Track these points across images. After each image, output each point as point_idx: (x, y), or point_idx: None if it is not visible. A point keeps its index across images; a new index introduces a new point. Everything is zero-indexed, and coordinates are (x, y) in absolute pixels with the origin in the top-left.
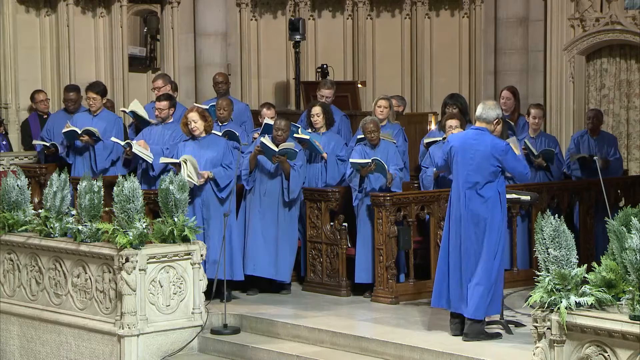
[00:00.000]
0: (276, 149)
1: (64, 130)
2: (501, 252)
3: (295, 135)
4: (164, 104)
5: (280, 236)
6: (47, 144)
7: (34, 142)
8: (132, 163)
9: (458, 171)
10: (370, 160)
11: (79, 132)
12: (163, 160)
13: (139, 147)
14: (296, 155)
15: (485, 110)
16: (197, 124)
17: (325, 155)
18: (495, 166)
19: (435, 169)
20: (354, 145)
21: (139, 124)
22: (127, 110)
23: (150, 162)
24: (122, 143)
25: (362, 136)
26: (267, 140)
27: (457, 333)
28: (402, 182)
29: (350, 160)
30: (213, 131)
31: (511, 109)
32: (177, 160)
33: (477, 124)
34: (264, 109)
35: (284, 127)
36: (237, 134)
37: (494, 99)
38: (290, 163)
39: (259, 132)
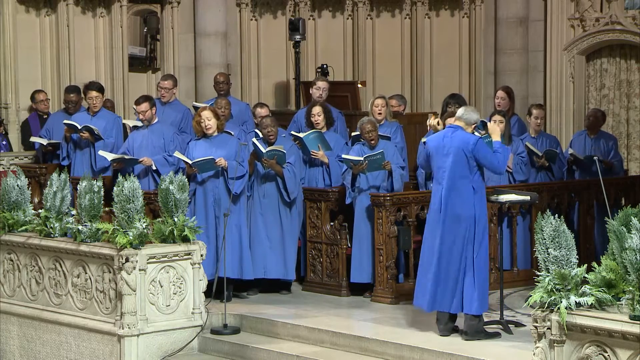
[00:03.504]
0: (264, 150)
1: (65, 122)
2: (483, 248)
3: (292, 132)
4: (144, 105)
5: (285, 235)
6: (44, 143)
7: (32, 138)
8: (121, 172)
9: (435, 169)
10: (362, 158)
11: (79, 127)
12: (177, 154)
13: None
14: (285, 157)
15: (467, 111)
16: (210, 121)
17: (326, 159)
18: (468, 162)
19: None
20: (350, 144)
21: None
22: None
23: (190, 163)
24: (109, 158)
25: (358, 133)
26: (257, 141)
27: (445, 334)
28: (403, 180)
29: (343, 155)
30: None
31: (506, 109)
32: (190, 161)
33: (456, 123)
34: (257, 108)
35: (271, 124)
36: (233, 134)
37: (493, 99)
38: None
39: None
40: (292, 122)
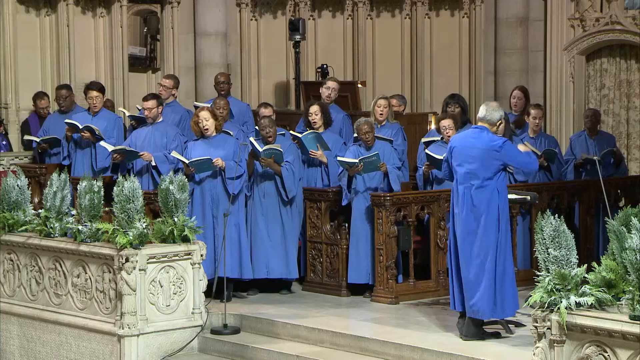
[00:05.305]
0: (261, 150)
1: (66, 121)
2: (503, 252)
3: (291, 132)
4: (151, 103)
5: (286, 234)
6: (38, 140)
7: (26, 137)
8: (120, 168)
9: (458, 170)
10: (357, 160)
11: (80, 127)
12: (174, 154)
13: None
14: (282, 155)
15: (489, 111)
16: (208, 122)
17: (325, 159)
18: (495, 163)
19: (425, 168)
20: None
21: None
22: (127, 114)
23: (187, 162)
24: (110, 149)
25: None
26: (254, 140)
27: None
28: (400, 180)
29: (338, 158)
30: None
31: (521, 109)
32: (187, 161)
33: (480, 124)
34: (262, 108)
35: (269, 124)
36: (232, 134)
37: (494, 99)
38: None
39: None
40: (301, 122)
